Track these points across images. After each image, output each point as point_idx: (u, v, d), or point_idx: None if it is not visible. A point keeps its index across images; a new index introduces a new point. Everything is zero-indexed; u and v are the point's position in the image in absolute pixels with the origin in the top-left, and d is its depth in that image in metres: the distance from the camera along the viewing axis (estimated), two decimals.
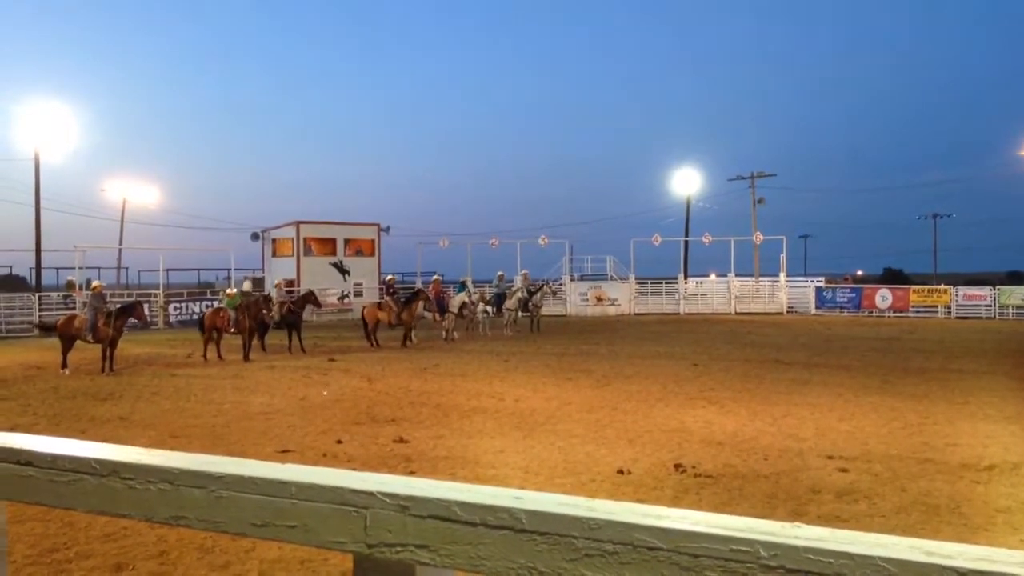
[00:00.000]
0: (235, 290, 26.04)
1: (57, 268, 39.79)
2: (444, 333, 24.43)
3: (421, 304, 23.25)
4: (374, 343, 22.14)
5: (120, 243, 44.43)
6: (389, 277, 26.42)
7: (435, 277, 28.04)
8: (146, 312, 21.32)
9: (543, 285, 30.52)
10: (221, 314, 19.93)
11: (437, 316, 25.01)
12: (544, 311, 29.49)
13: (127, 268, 45.39)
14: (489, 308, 26.88)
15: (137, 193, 48.17)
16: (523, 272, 31.30)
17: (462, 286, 28.41)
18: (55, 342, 17.76)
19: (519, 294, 27.93)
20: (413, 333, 22.83)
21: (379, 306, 23.53)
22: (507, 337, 25.22)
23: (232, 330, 19.53)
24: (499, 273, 30.32)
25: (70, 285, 31.44)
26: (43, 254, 34.20)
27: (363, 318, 23.33)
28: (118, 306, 17.85)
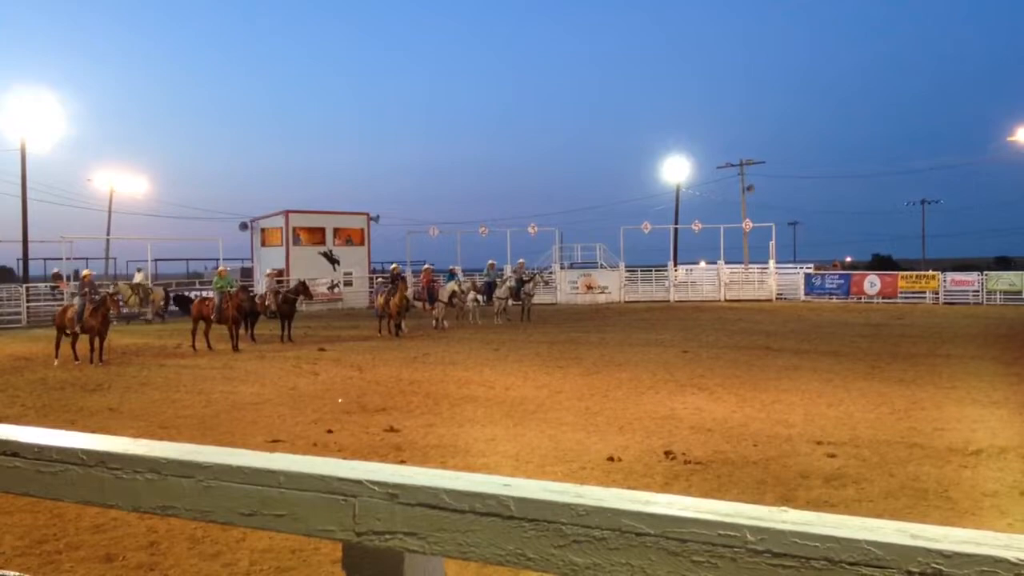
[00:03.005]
0: (136, 282, 26.19)
1: (44, 259, 39.51)
2: (434, 322, 24.44)
3: (406, 292, 23.26)
4: (381, 332, 22.38)
5: (108, 233, 44.16)
6: (393, 266, 26.53)
7: (425, 266, 28.03)
8: (120, 303, 21.28)
9: (535, 274, 30.55)
10: (207, 303, 19.82)
11: (426, 305, 25.04)
12: (534, 300, 29.53)
13: (115, 258, 45.05)
14: (480, 297, 26.91)
15: (124, 183, 47.81)
16: (520, 261, 31.36)
17: (451, 275, 28.43)
18: (44, 333, 17.65)
19: (509, 283, 27.97)
20: (404, 323, 22.81)
21: (381, 294, 23.82)
22: (497, 326, 25.23)
23: (214, 318, 19.38)
24: (490, 262, 30.42)
25: (56, 277, 31.27)
26: (30, 245, 33.98)
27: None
28: (96, 297, 17.63)
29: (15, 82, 69.51)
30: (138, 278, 30.66)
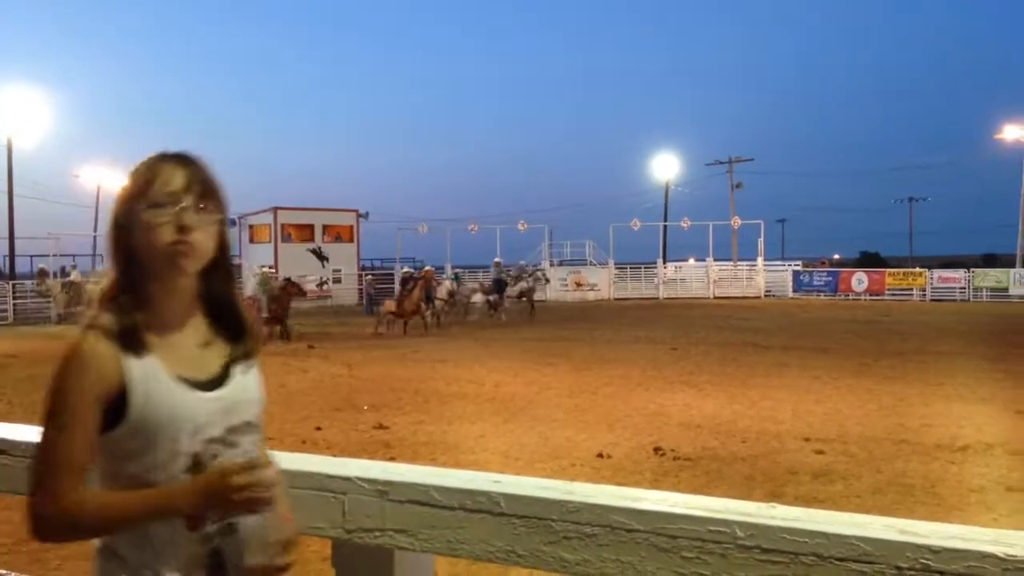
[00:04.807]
0: (70, 279, 25.69)
1: (31, 255, 39.27)
2: (425, 320, 24.43)
3: (422, 292, 23.24)
4: (377, 330, 22.36)
5: (95, 230, 43.89)
6: (405, 270, 26.62)
7: (427, 268, 28.08)
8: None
9: (535, 271, 30.85)
10: (252, 303, 19.71)
11: (423, 304, 25.06)
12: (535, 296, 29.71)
13: (102, 255, 44.86)
14: (490, 297, 26.82)
15: (111, 179, 47.53)
16: (522, 263, 31.54)
17: (455, 276, 28.66)
18: (31, 330, 17.55)
19: (522, 284, 28.12)
20: (427, 318, 22.81)
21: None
22: (487, 324, 25.21)
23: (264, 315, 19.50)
24: (496, 260, 30.57)
25: (42, 273, 31.01)
26: (17, 241, 33.76)
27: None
28: None
29: (1, 78, 68.92)
30: (73, 276, 30.31)
